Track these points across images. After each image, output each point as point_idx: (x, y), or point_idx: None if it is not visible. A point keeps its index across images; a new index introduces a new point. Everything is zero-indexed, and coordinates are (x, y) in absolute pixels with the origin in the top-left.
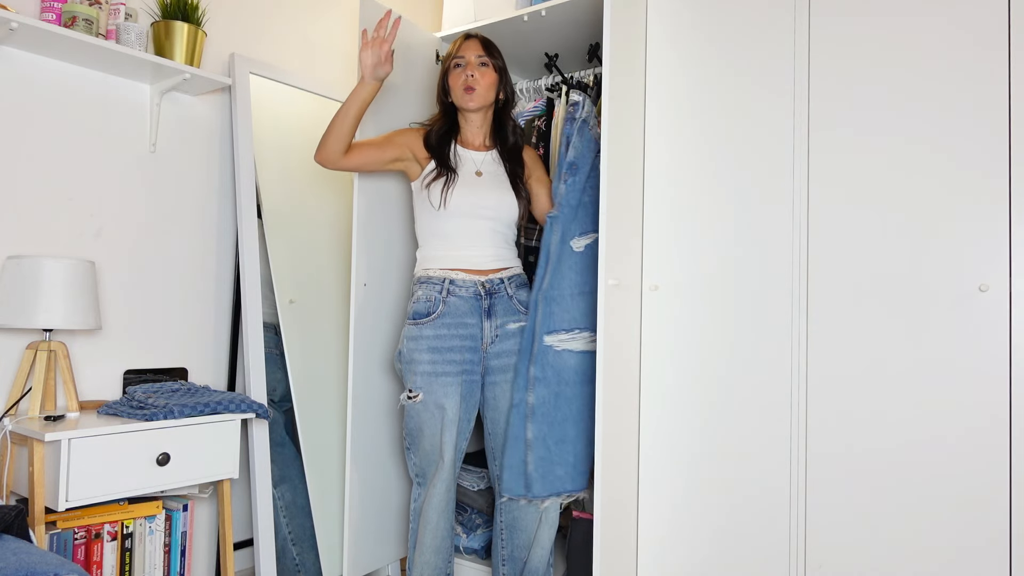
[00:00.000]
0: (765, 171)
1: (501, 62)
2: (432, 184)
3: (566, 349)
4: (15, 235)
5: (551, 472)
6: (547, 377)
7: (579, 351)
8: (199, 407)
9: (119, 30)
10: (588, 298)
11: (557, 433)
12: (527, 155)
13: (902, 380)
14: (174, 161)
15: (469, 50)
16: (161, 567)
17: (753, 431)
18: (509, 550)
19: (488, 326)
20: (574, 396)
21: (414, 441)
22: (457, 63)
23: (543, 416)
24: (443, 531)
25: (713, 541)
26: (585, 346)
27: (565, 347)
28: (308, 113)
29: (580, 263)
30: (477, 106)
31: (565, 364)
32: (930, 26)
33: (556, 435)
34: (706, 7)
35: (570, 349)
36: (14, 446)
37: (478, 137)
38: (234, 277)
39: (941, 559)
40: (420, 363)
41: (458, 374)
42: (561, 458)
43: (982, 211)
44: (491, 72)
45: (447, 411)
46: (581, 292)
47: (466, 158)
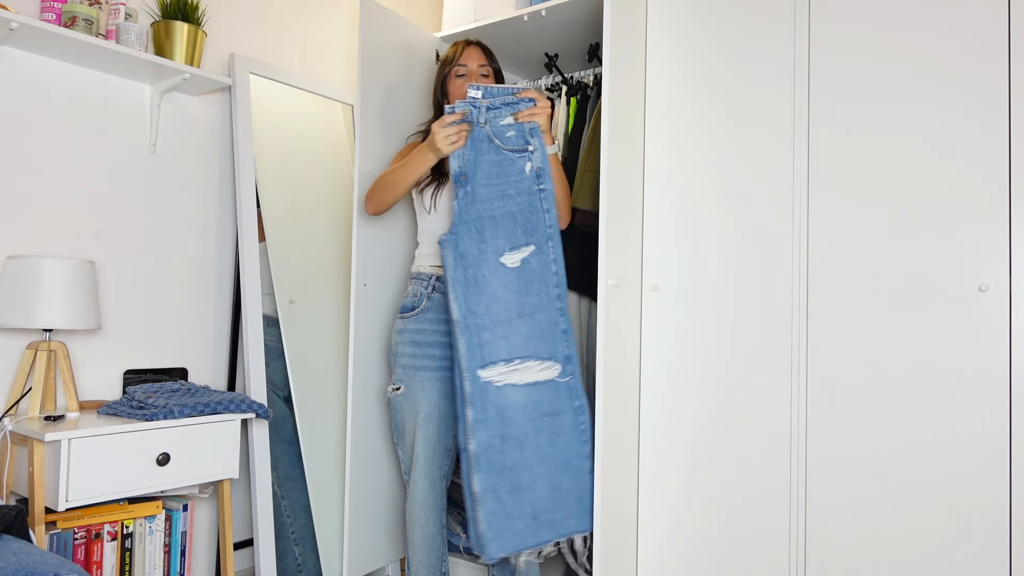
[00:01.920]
0: (765, 170)
1: (497, 65)
2: (425, 188)
3: (507, 384)
4: (15, 235)
5: (507, 527)
6: (488, 419)
7: (524, 384)
8: (199, 407)
9: (119, 30)
10: (532, 321)
11: (509, 482)
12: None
13: (902, 380)
14: (174, 161)
15: (471, 59)
16: (161, 567)
17: (753, 431)
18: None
19: None
20: (524, 437)
21: (400, 436)
22: (459, 72)
23: (489, 464)
24: (432, 528)
25: (713, 541)
26: (532, 377)
27: (506, 381)
28: (308, 113)
29: (517, 281)
30: None
31: (508, 402)
32: (930, 26)
33: (508, 484)
34: (706, 7)
35: (512, 383)
36: (14, 446)
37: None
38: (234, 277)
39: (941, 559)
40: (403, 356)
41: (437, 369)
42: (518, 510)
43: (982, 211)
44: (491, 80)
45: (420, 406)
46: (521, 315)
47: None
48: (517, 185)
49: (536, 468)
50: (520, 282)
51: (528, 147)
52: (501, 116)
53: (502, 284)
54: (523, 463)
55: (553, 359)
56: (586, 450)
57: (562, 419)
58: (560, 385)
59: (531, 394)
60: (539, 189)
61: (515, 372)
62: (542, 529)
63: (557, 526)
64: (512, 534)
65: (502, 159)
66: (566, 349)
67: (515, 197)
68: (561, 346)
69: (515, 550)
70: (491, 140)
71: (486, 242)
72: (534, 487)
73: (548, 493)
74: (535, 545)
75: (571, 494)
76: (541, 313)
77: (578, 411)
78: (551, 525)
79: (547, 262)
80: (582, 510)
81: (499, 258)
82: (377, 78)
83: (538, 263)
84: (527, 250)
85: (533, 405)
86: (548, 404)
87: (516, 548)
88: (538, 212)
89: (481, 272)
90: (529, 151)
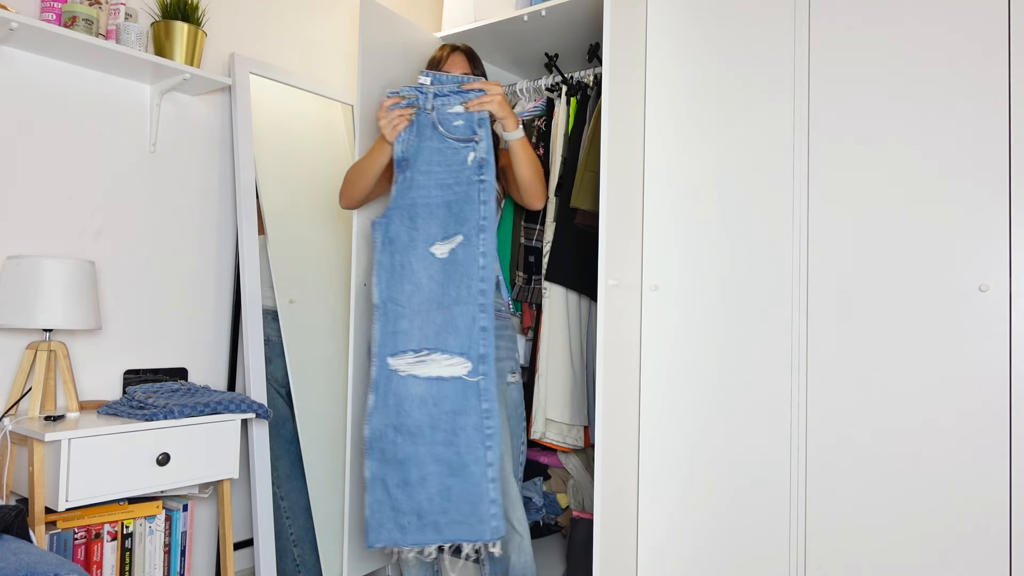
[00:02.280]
0: (765, 170)
1: (482, 71)
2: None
3: (410, 375)
4: (15, 235)
5: (391, 520)
6: (387, 406)
7: (427, 377)
8: (199, 407)
9: (119, 30)
10: (449, 313)
11: (399, 475)
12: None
13: (902, 380)
14: (174, 161)
15: (455, 66)
16: (161, 567)
17: (753, 432)
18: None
19: None
20: (419, 432)
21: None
22: None
23: (381, 453)
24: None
25: (713, 542)
26: (437, 371)
27: (410, 372)
28: (308, 113)
29: (443, 272)
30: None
31: (408, 393)
32: (930, 29)
33: (397, 477)
34: (706, 7)
35: (415, 375)
36: (14, 446)
37: None
38: (234, 277)
39: (942, 560)
40: None
41: None
42: (405, 505)
43: (982, 211)
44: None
45: None
46: (441, 305)
47: None
48: (457, 175)
49: (428, 466)
50: (444, 273)
51: (474, 137)
52: (450, 104)
53: (428, 274)
54: (414, 458)
55: (464, 356)
56: (488, 456)
57: (464, 420)
58: (469, 384)
59: (433, 389)
60: (479, 180)
61: (420, 364)
62: (426, 530)
63: (442, 530)
64: (395, 527)
65: (445, 147)
66: (482, 348)
67: (453, 187)
68: (477, 343)
69: (394, 544)
70: (436, 127)
71: (418, 229)
72: (424, 485)
73: (437, 494)
74: (414, 544)
75: (464, 500)
76: (459, 306)
77: (485, 414)
78: (435, 528)
79: (475, 255)
80: (474, 519)
81: (429, 247)
82: (377, 78)
83: (465, 255)
84: (456, 240)
85: (434, 401)
86: (451, 402)
87: (395, 543)
88: (474, 203)
89: (408, 259)
90: (475, 141)
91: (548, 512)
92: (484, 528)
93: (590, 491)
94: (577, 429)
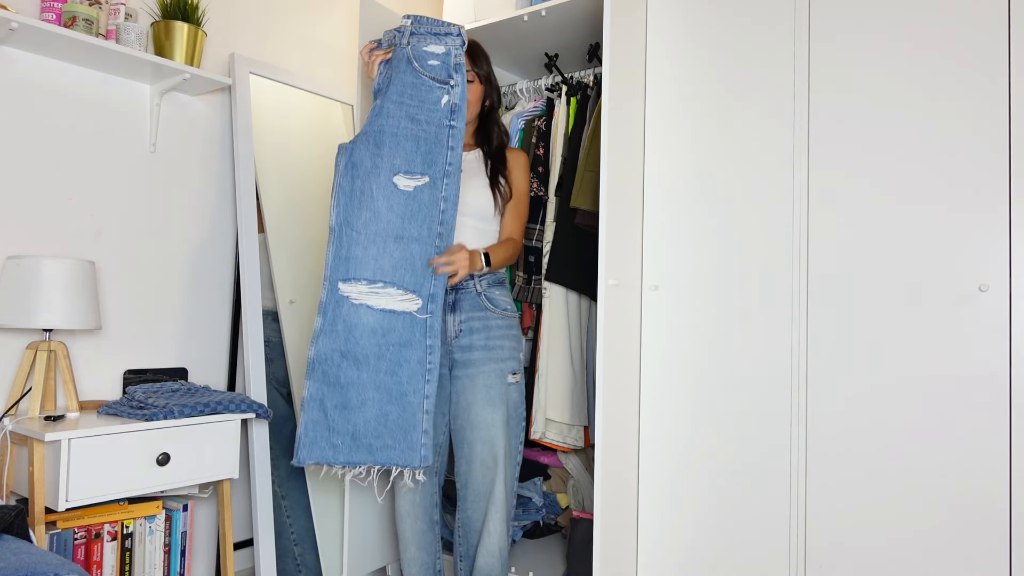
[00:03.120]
0: (765, 170)
1: (486, 69)
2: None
3: (364, 304)
4: (15, 235)
5: (325, 440)
6: (335, 331)
7: (380, 309)
8: (199, 407)
9: (119, 30)
10: (407, 249)
11: (338, 397)
12: (511, 155)
13: (902, 380)
14: (174, 161)
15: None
16: (161, 567)
17: (753, 432)
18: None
19: (452, 320)
20: (366, 359)
21: None
22: None
23: (323, 375)
24: (422, 524)
25: (714, 542)
26: (391, 305)
27: (363, 302)
28: (308, 113)
29: (404, 206)
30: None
31: (359, 321)
32: (930, 31)
33: (336, 399)
34: (706, 8)
35: (368, 305)
36: (14, 446)
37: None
38: (234, 277)
39: (942, 559)
40: None
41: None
42: (340, 426)
43: (982, 211)
44: (477, 85)
45: None
46: (398, 239)
47: None
48: (429, 113)
49: (369, 392)
50: (407, 208)
51: (450, 81)
52: (425, 42)
53: (388, 204)
54: (357, 383)
55: (416, 293)
56: (426, 389)
57: (409, 353)
58: (417, 320)
59: (384, 320)
60: (449, 125)
61: (374, 295)
62: (359, 451)
63: (375, 452)
64: (328, 446)
65: (419, 82)
66: (433, 287)
67: (424, 124)
68: (428, 283)
69: (324, 462)
70: (410, 62)
71: (382, 157)
72: (362, 409)
73: (374, 419)
74: (346, 463)
75: (398, 427)
76: (417, 245)
77: (429, 350)
78: (368, 449)
79: (437, 198)
80: (406, 445)
81: (392, 176)
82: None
83: (429, 197)
84: (422, 180)
85: (383, 332)
86: (399, 335)
87: (327, 461)
88: (442, 146)
89: (369, 185)
90: (450, 84)
91: (548, 512)
92: (414, 455)
93: (590, 491)
94: (577, 429)
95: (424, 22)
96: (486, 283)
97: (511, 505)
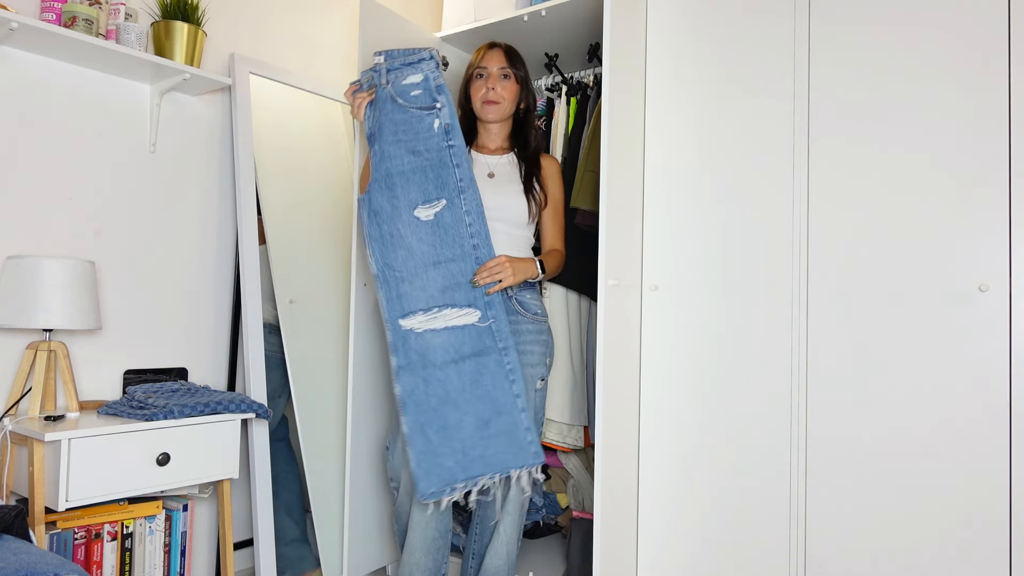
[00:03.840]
0: (765, 169)
1: (524, 72)
2: None
3: (428, 330)
4: (15, 235)
5: (437, 465)
6: (411, 363)
7: (444, 328)
8: (199, 407)
9: (119, 30)
10: (447, 270)
11: (435, 421)
12: (545, 161)
13: (903, 381)
14: (174, 161)
15: (492, 61)
16: (161, 567)
17: (753, 431)
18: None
19: None
20: (447, 379)
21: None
22: (479, 73)
23: (415, 405)
24: (432, 531)
25: (713, 542)
26: (451, 323)
27: (426, 328)
28: (308, 113)
29: (431, 234)
30: (496, 118)
31: (429, 345)
32: (930, 31)
33: (435, 423)
34: (706, 7)
35: (432, 329)
36: (14, 446)
37: (495, 142)
38: (234, 277)
39: (941, 559)
40: None
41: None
42: (447, 447)
43: (982, 211)
44: (512, 84)
45: None
46: (436, 264)
47: (479, 161)
48: (427, 141)
49: (462, 407)
50: (434, 235)
51: (436, 104)
52: (403, 76)
53: (417, 237)
54: (448, 403)
55: (472, 306)
56: (515, 388)
57: (485, 360)
58: (481, 328)
59: (451, 337)
60: (448, 145)
61: (434, 320)
62: (473, 464)
63: (489, 462)
64: (443, 471)
65: (408, 116)
66: (486, 295)
67: (424, 153)
68: (480, 293)
69: (446, 485)
70: (394, 100)
71: (398, 197)
72: (461, 425)
73: (476, 431)
74: (465, 479)
75: (502, 432)
76: (456, 264)
77: (503, 352)
78: (482, 461)
79: (460, 215)
80: (515, 447)
81: (412, 211)
82: None
83: (451, 217)
84: (439, 204)
85: (455, 348)
86: (469, 347)
87: (447, 483)
88: (448, 167)
89: (395, 227)
90: (437, 108)
91: (548, 512)
92: (526, 454)
93: (590, 491)
94: (577, 429)
95: (396, 55)
96: (518, 287)
97: (523, 511)
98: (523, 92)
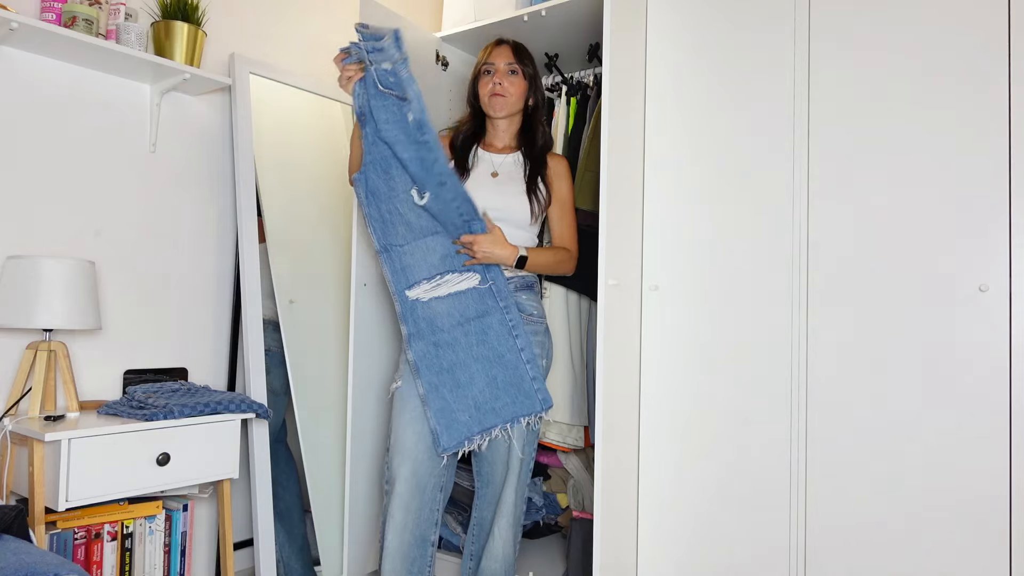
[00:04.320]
0: (765, 169)
1: (532, 68)
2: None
3: (432, 297)
4: (15, 235)
5: (454, 420)
6: (420, 330)
7: (448, 294)
8: (199, 407)
9: (119, 30)
10: (444, 237)
11: (449, 381)
12: (552, 160)
13: (902, 381)
14: (174, 161)
15: (499, 57)
16: (161, 567)
17: (753, 431)
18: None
19: None
20: (455, 341)
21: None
22: (487, 69)
23: (428, 367)
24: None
25: (714, 542)
26: (454, 288)
27: (431, 296)
28: (308, 113)
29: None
30: (504, 114)
31: (435, 312)
32: (930, 30)
33: (448, 383)
34: (706, 7)
35: (436, 296)
36: (14, 446)
37: (503, 140)
38: (234, 277)
39: (942, 560)
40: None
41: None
42: (461, 403)
43: (982, 211)
44: (520, 80)
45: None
46: (435, 232)
47: (485, 159)
48: (406, 131)
49: (471, 366)
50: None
51: (407, 96)
52: (379, 59)
53: (415, 213)
54: (458, 363)
55: (471, 271)
56: (517, 343)
57: (488, 320)
58: (483, 291)
59: (455, 302)
60: (422, 140)
61: (438, 287)
62: (486, 417)
63: (500, 412)
64: (460, 425)
65: (389, 103)
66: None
67: (407, 143)
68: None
69: (464, 438)
70: (376, 85)
71: (394, 179)
72: (472, 383)
73: (486, 387)
74: (481, 431)
75: (510, 384)
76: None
77: (504, 310)
78: (494, 412)
79: (446, 201)
80: (521, 395)
81: (408, 191)
82: None
83: (439, 206)
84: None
85: (459, 311)
86: (474, 308)
87: (464, 436)
88: (427, 162)
89: (392, 206)
90: (407, 100)
91: (548, 512)
92: (533, 402)
93: (590, 491)
94: (577, 429)
95: (368, 38)
96: (514, 286)
97: (520, 511)
98: (531, 89)
